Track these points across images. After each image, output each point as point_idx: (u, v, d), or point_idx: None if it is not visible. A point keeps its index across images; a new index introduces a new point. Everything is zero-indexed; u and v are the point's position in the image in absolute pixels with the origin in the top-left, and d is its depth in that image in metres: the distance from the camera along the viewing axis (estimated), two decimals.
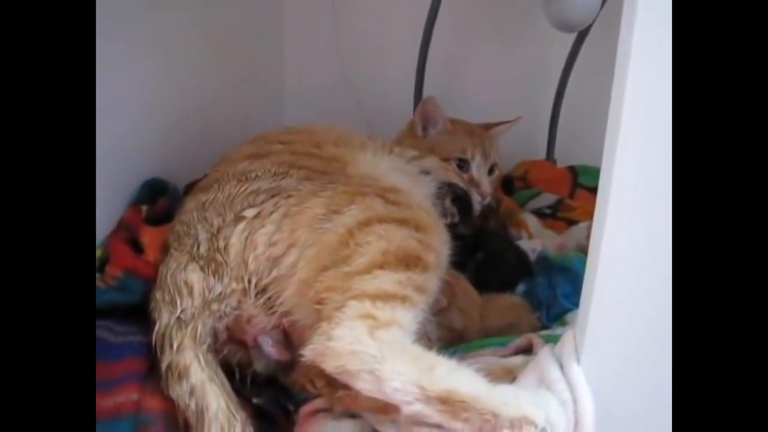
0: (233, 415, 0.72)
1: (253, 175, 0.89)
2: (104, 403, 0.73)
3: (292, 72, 1.79)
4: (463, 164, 1.33)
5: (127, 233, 0.97)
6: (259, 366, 0.82)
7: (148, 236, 0.93)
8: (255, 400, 0.79)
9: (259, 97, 1.63)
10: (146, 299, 0.83)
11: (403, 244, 0.79)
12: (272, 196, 0.84)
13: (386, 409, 0.72)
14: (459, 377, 0.64)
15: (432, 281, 0.81)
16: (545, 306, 1.03)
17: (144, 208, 1.02)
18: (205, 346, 0.77)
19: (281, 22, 1.77)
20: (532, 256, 1.19)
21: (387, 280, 0.75)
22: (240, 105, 1.49)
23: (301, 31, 1.78)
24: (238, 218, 0.83)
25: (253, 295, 0.80)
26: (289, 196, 0.84)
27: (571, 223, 1.37)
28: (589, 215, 1.11)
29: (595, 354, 0.62)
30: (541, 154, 1.75)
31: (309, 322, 0.76)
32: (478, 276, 1.07)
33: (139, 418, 0.73)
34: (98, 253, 0.94)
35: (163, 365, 0.75)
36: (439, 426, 0.70)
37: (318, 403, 0.82)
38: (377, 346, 0.66)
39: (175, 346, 0.75)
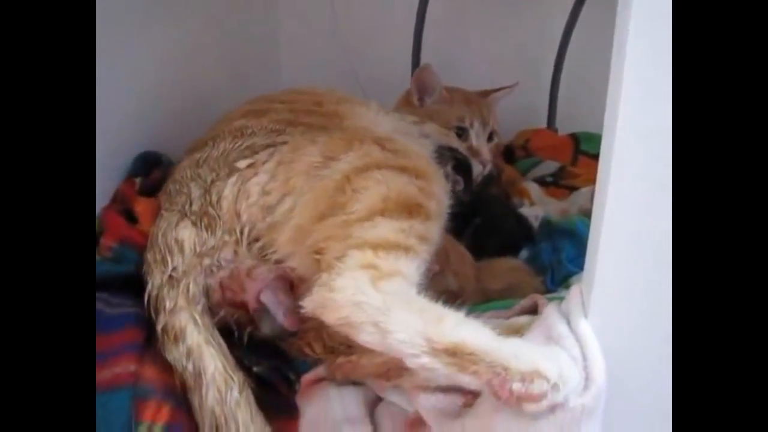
0: (230, 377, 0.71)
1: (249, 131, 0.87)
2: (102, 374, 0.72)
3: (287, 43, 1.76)
4: (462, 133, 1.31)
5: (121, 205, 0.95)
6: (264, 328, 0.79)
7: (142, 206, 0.91)
8: (255, 369, 0.77)
9: (254, 68, 1.61)
10: (141, 269, 0.81)
11: (404, 191, 0.77)
12: (267, 147, 0.82)
13: (388, 374, 0.70)
14: (467, 329, 0.61)
15: (434, 230, 0.78)
16: (549, 270, 1.02)
17: (138, 180, 1.01)
18: (200, 307, 0.75)
19: None
20: (535, 223, 1.17)
21: (388, 229, 0.72)
22: (235, 77, 1.46)
23: (296, 1, 1.75)
24: (232, 170, 0.81)
25: (245, 245, 0.78)
26: (284, 143, 0.82)
27: (574, 190, 1.35)
28: (593, 182, 1.09)
29: (603, 308, 0.60)
30: (542, 123, 1.73)
31: (306, 272, 0.74)
32: (475, 241, 1.05)
33: (137, 389, 0.72)
34: None
35: (159, 327, 0.73)
36: (444, 389, 0.69)
37: (320, 372, 0.80)
38: (381, 297, 0.64)
39: (168, 307, 0.73)
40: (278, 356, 0.81)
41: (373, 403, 0.77)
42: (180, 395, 0.72)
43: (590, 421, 0.56)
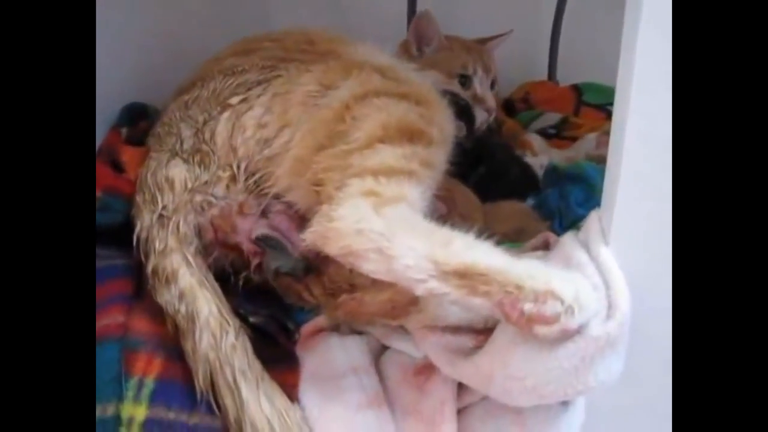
0: (226, 321, 0.66)
1: (240, 69, 0.82)
2: None
3: None
4: (465, 81, 1.25)
5: (108, 157, 0.90)
6: (275, 263, 0.75)
7: (128, 155, 0.86)
8: (252, 320, 0.73)
9: (242, 18, 1.55)
10: (129, 218, 0.77)
11: (405, 117, 0.73)
12: (259, 84, 0.77)
13: (393, 313, 0.66)
14: (478, 251, 0.57)
15: (438, 156, 0.75)
16: (557, 215, 0.97)
17: (123, 131, 0.96)
18: (192, 248, 0.71)
19: None
20: (540, 171, 1.13)
21: (389, 154, 0.68)
22: (222, 25, 1.41)
23: None
24: (224, 107, 0.76)
25: (242, 180, 0.74)
26: (278, 76, 0.77)
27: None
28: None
29: (625, 235, 0.56)
30: (543, 76, 1.67)
31: (306, 206, 0.71)
32: (480, 190, 1.01)
33: (126, 341, 0.67)
34: None
35: (149, 269, 0.69)
36: (454, 330, 0.65)
37: (320, 321, 0.76)
38: (384, 222, 0.60)
39: (159, 249, 0.69)
40: (275, 305, 0.77)
41: (378, 352, 0.74)
42: (172, 347, 0.67)
43: (613, 352, 0.52)
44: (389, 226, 0.59)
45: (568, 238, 0.61)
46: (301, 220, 0.72)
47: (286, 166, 0.73)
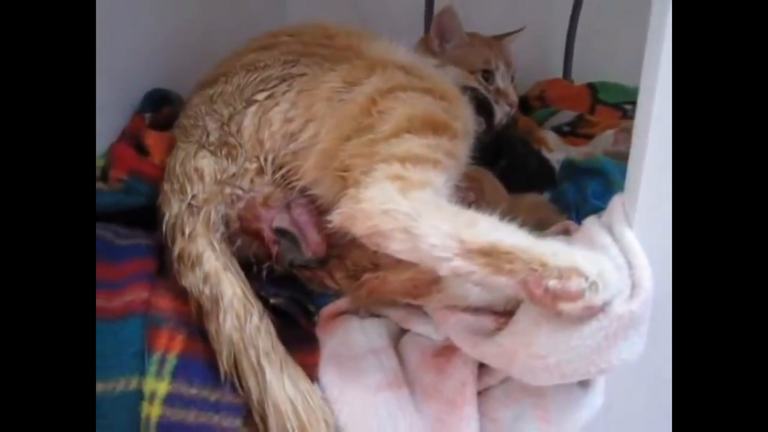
0: (250, 302, 0.67)
1: (262, 64, 0.83)
2: (113, 303, 0.69)
3: None
4: (487, 76, 1.26)
5: (132, 140, 0.91)
6: (289, 256, 0.76)
7: (152, 139, 0.87)
8: (273, 301, 0.74)
9: (260, 8, 1.56)
10: (153, 201, 0.78)
11: (430, 110, 0.74)
12: (283, 80, 0.78)
13: (415, 292, 0.67)
14: (503, 231, 0.58)
15: (462, 147, 0.77)
16: (574, 209, 0.98)
17: (147, 115, 0.97)
18: (218, 234, 0.72)
19: None
20: (557, 166, 1.13)
21: (416, 143, 0.70)
22: (240, 15, 1.42)
23: None
24: (250, 102, 0.77)
25: (270, 172, 0.75)
26: (303, 75, 0.78)
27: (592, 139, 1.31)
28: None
29: (649, 217, 0.56)
30: (558, 74, 1.68)
31: (332, 198, 0.71)
32: (500, 183, 1.02)
33: (149, 317, 0.68)
34: (101, 162, 0.89)
35: (175, 253, 0.70)
36: (475, 311, 0.66)
37: (340, 304, 0.77)
38: (410, 204, 0.61)
39: (187, 233, 0.70)
40: (297, 288, 0.77)
41: (397, 336, 0.74)
42: (195, 325, 0.68)
43: (636, 331, 0.53)
44: (415, 208, 0.60)
45: (591, 222, 0.62)
46: (321, 218, 0.73)
47: (313, 160, 0.74)
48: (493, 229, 0.58)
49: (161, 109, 0.99)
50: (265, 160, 0.75)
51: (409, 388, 0.66)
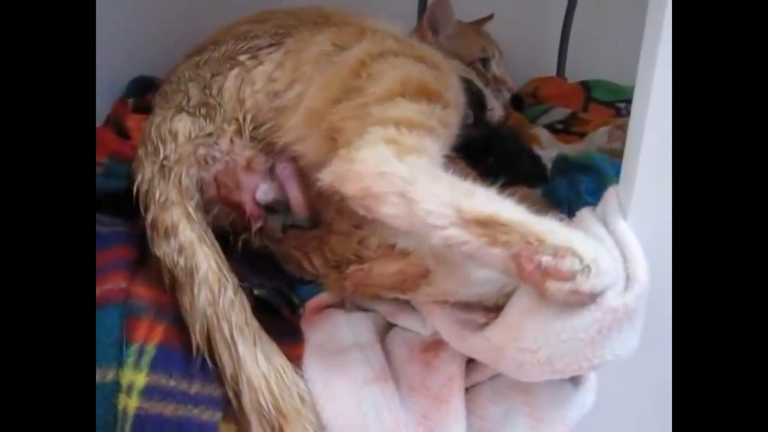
0: (225, 277, 0.65)
1: (252, 34, 0.80)
2: None
3: None
4: (485, 64, 1.25)
5: (114, 125, 0.89)
6: (283, 219, 0.74)
7: (134, 122, 0.86)
8: (256, 292, 0.72)
9: None
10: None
11: (422, 77, 0.72)
12: (271, 45, 0.77)
13: (403, 285, 0.65)
14: (501, 204, 0.56)
15: (454, 118, 0.74)
16: (566, 204, 0.96)
17: (130, 101, 0.95)
18: (194, 203, 0.70)
19: None
20: (548, 164, 1.11)
21: (410, 108, 0.67)
22: (230, 1, 1.40)
23: None
24: (233, 65, 0.75)
25: (248, 131, 0.72)
26: (290, 36, 0.77)
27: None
28: None
29: (645, 209, 0.55)
30: (552, 72, 1.66)
31: (318, 157, 0.69)
32: (489, 179, 1.00)
33: (128, 306, 0.66)
34: None
35: (148, 221, 0.68)
36: (464, 307, 0.64)
37: (325, 297, 0.75)
38: (406, 168, 0.58)
39: (159, 200, 0.68)
40: (281, 279, 0.75)
41: (384, 330, 0.72)
42: (175, 315, 0.66)
43: (631, 325, 0.51)
44: (411, 173, 0.57)
45: (586, 213, 0.60)
46: (304, 179, 0.72)
47: (298, 118, 0.71)
48: (492, 201, 0.56)
49: (145, 94, 0.97)
50: (244, 119, 0.73)
51: (395, 383, 0.65)
